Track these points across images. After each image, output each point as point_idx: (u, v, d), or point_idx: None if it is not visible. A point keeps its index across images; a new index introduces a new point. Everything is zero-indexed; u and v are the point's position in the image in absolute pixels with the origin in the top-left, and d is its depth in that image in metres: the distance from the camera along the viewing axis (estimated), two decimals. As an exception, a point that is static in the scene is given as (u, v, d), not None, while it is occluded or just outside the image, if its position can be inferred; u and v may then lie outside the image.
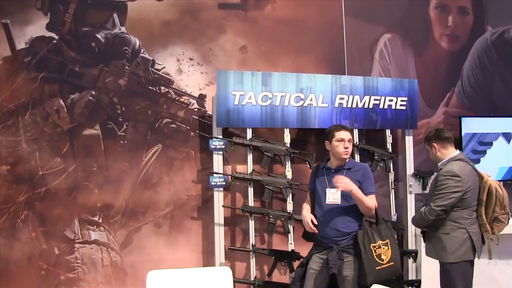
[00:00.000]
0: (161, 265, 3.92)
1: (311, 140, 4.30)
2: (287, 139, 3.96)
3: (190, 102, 4.11)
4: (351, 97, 4.08)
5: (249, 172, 3.89)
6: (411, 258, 4.14)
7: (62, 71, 3.83)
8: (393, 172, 4.31)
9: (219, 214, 3.81)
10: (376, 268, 3.01)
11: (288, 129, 3.97)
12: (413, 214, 4.19)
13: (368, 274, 2.99)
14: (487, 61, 5.06)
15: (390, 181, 4.29)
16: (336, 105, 4.04)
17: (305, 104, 3.95)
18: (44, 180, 3.76)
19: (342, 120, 4.05)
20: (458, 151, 3.38)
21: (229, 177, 3.85)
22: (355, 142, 4.13)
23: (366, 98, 4.13)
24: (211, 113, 4.08)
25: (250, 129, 3.90)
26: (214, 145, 3.79)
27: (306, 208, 3.32)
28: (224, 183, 3.80)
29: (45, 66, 3.79)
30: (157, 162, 4.02)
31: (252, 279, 3.84)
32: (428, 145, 3.44)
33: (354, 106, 4.10)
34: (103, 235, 3.89)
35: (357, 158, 4.15)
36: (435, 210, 3.20)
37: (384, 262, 3.04)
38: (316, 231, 3.14)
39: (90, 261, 3.85)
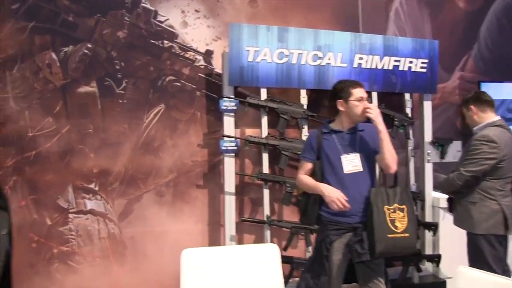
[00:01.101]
0: (163, 238, 3.72)
1: (324, 103, 3.96)
2: (304, 100, 3.67)
3: (196, 59, 3.76)
4: (370, 57, 3.78)
5: (263, 136, 3.57)
6: (430, 231, 3.88)
7: (54, 21, 3.49)
8: (413, 139, 4.03)
9: (229, 182, 3.50)
10: (388, 235, 2.49)
11: (305, 90, 3.65)
12: (431, 184, 3.96)
13: (378, 241, 2.48)
14: (506, 21, 4.77)
15: (409, 148, 4.02)
16: (355, 65, 3.74)
17: (323, 63, 3.64)
18: (35, 143, 3.45)
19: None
20: (498, 117, 3.10)
21: (241, 141, 3.52)
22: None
23: (386, 59, 3.83)
24: (218, 71, 3.76)
25: (265, 89, 3.57)
26: (225, 105, 3.46)
27: (314, 182, 2.69)
28: (236, 148, 3.47)
29: (35, 14, 3.46)
30: (159, 124, 3.70)
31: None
32: (465, 107, 3.17)
33: (373, 67, 3.80)
34: (100, 204, 3.60)
35: (375, 123, 3.87)
36: (464, 175, 2.97)
37: (398, 231, 2.52)
38: (349, 209, 2.56)
39: (86, 233, 3.57)
